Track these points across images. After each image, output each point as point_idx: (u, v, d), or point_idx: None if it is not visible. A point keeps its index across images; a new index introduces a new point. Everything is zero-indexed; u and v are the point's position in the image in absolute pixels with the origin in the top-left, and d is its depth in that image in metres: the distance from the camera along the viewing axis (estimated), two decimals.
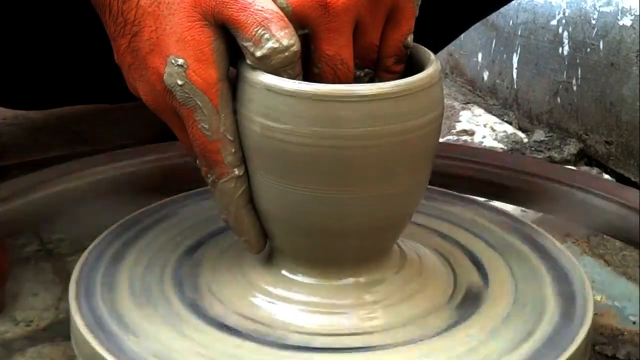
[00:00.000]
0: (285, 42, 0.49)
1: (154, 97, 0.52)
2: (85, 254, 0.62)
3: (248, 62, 0.51)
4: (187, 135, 0.53)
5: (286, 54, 0.49)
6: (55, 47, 0.85)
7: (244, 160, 0.53)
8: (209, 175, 0.53)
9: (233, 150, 0.52)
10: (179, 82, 0.50)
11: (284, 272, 0.57)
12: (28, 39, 0.83)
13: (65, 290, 0.58)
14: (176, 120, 0.53)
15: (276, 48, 0.49)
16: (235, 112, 0.52)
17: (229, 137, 0.52)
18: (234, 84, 0.53)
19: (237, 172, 0.53)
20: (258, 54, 0.50)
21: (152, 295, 0.57)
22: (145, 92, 0.53)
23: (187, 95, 0.50)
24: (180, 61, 0.50)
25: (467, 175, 0.79)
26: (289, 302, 0.55)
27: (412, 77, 0.51)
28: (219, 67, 0.51)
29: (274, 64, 0.50)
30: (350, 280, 0.56)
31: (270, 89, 0.50)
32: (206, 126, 0.51)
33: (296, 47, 0.50)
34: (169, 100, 0.51)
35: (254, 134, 0.51)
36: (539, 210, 0.80)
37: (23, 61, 0.86)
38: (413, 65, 0.54)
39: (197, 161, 0.54)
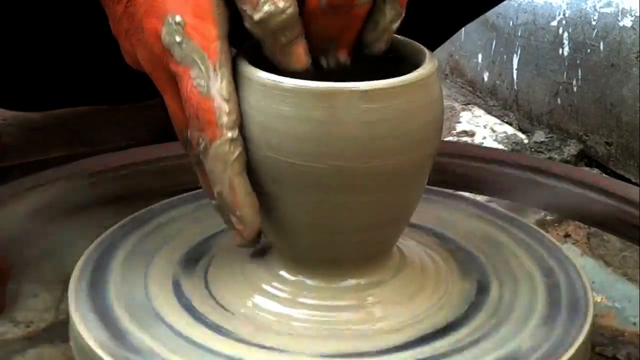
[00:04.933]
0: (281, 4, 0.48)
1: (150, 60, 0.51)
2: (86, 255, 0.62)
3: (247, 25, 0.50)
4: (179, 104, 0.51)
5: (283, 16, 0.49)
6: (55, 49, 0.85)
7: (238, 125, 0.51)
8: (200, 141, 0.50)
9: (228, 110, 0.50)
10: (177, 39, 0.49)
11: (284, 274, 0.57)
12: (28, 41, 0.83)
13: (66, 292, 0.58)
14: (171, 86, 0.51)
15: (273, 11, 0.48)
16: (234, 73, 0.51)
17: (225, 97, 0.50)
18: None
19: (230, 135, 0.50)
20: (256, 17, 0.49)
21: (151, 296, 0.57)
22: (143, 56, 0.51)
23: (184, 52, 0.49)
24: (178, 18, 0.49)
25: (466, 173, 0.79)
26: (288, 304, 0.55)
27: (409, 74, 0.51)
28: (219, 25, 0.50)
29: (272, 27, 0.49)
30: (351, 281, 0.56)
31: (268, 86, 0.50)
32: (202, 83, 0.49)
33: (293, 9, 0.49)
34: (166, 61, 0.50)
35: (252, 131, 0.51)
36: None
37: (23, 63, 0.86)
38: (409, 63, 0.54)
39: (189, 133, 0.51)
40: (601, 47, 1.10)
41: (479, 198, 0.76)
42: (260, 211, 0.54)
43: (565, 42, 1.16)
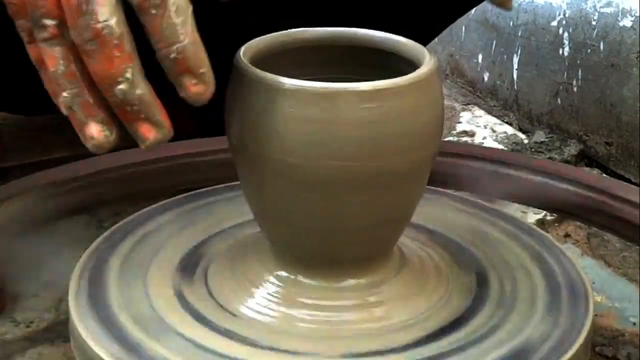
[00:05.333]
0: None
1: None
2: (85, 255, 0.62)
3: None
4: None
5: None
6: None
7: None
8: None
9: None
10: None
11: (283, 273, 0.57)
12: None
13: (66, 292, 0.58)
14: None
15: None
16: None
17: None
18: (229, 81, 0.53)
19: None
20: None
21: (151, 295, 0.57)
22: None
23: None
24: None
25: (466, 174, 0.79)
26: (287, 304, 0.55)
27: (409, 74, 0.51)
28: None
29: None
30: (351, 281, 0.56)
31: (269, 86, 0.50)
32: None
33: None
34: None
35: (252, 131, 0.51)
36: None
37: (26, 68, 0.86)
38: (409, 63, 0.54)
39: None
40: (601, 47, 1.10)
41: (479, 199, 0.76)
42: (262, 211, 0.54)
43: (566, 42, 1.16)
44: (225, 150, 0.55)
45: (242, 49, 0.53)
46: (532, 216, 0.88)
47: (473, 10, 1.25)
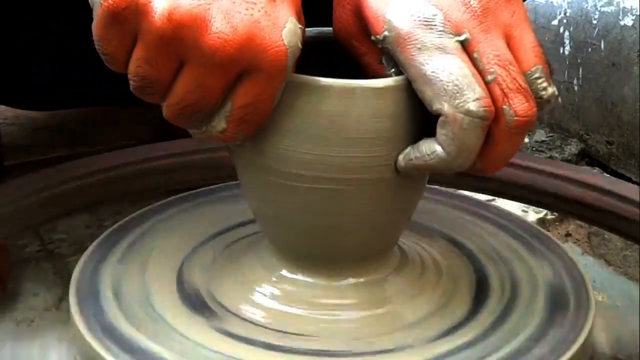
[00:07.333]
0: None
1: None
2: (86, 254, 0.62)
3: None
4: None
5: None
6: (64, 49, 0.85)
7: None
8: None
9: None
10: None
11: (284, 272, 0.57)
12: (36, 41, 0.83)
13: (66, 291, 0.58)
14: None
15: None
16: None
17: None
18: None
19: None
20: None
21: (152, 294, 0.57)
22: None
23: None
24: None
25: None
26: (288, 303, 0.55)
27: None
28: None
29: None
30: (351, 280, 0.56)
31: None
32: None
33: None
34: None
35: (266, 126, 0.51)
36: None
37: (31, 63, 0.86)
38: None
39: None
40: (602, 46, 1.10)
41: (480, 197, 0.76)
42: (262, 210, 0.54)
43: (566, 41, 1.16)
44: (224, 149, 0.55)
45: None
46: (533, 215, 0.88)
47: None
